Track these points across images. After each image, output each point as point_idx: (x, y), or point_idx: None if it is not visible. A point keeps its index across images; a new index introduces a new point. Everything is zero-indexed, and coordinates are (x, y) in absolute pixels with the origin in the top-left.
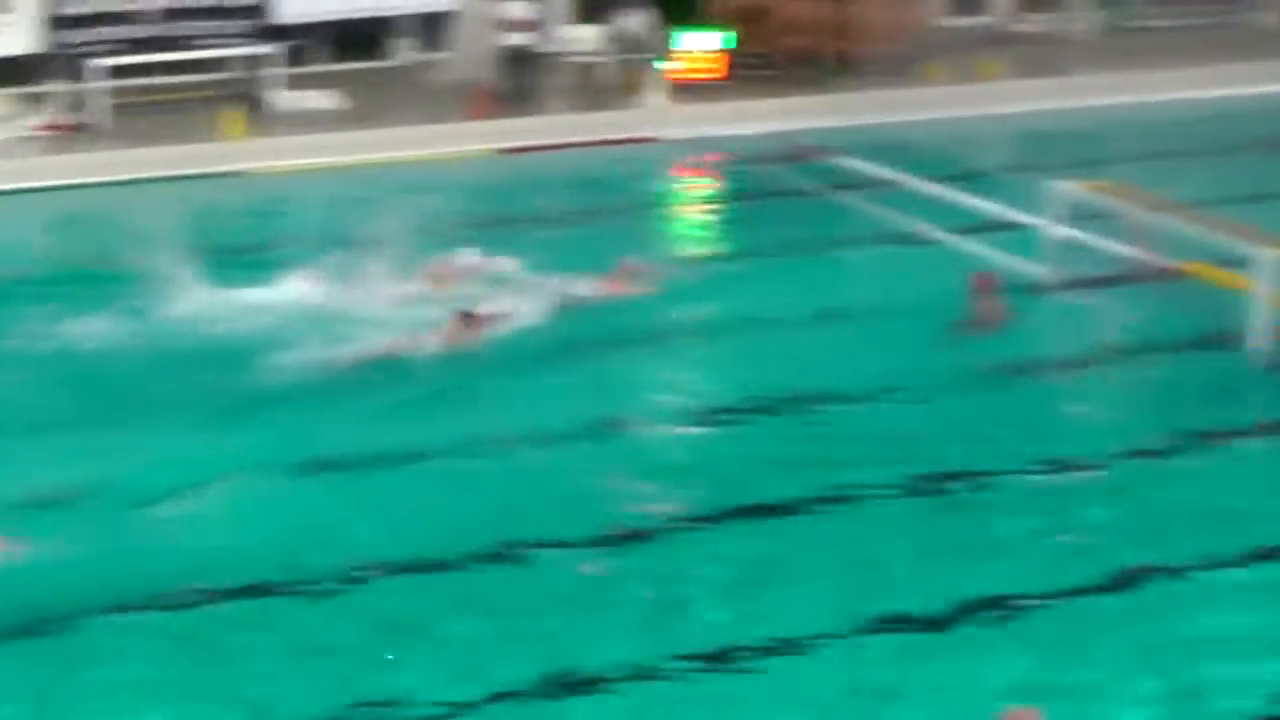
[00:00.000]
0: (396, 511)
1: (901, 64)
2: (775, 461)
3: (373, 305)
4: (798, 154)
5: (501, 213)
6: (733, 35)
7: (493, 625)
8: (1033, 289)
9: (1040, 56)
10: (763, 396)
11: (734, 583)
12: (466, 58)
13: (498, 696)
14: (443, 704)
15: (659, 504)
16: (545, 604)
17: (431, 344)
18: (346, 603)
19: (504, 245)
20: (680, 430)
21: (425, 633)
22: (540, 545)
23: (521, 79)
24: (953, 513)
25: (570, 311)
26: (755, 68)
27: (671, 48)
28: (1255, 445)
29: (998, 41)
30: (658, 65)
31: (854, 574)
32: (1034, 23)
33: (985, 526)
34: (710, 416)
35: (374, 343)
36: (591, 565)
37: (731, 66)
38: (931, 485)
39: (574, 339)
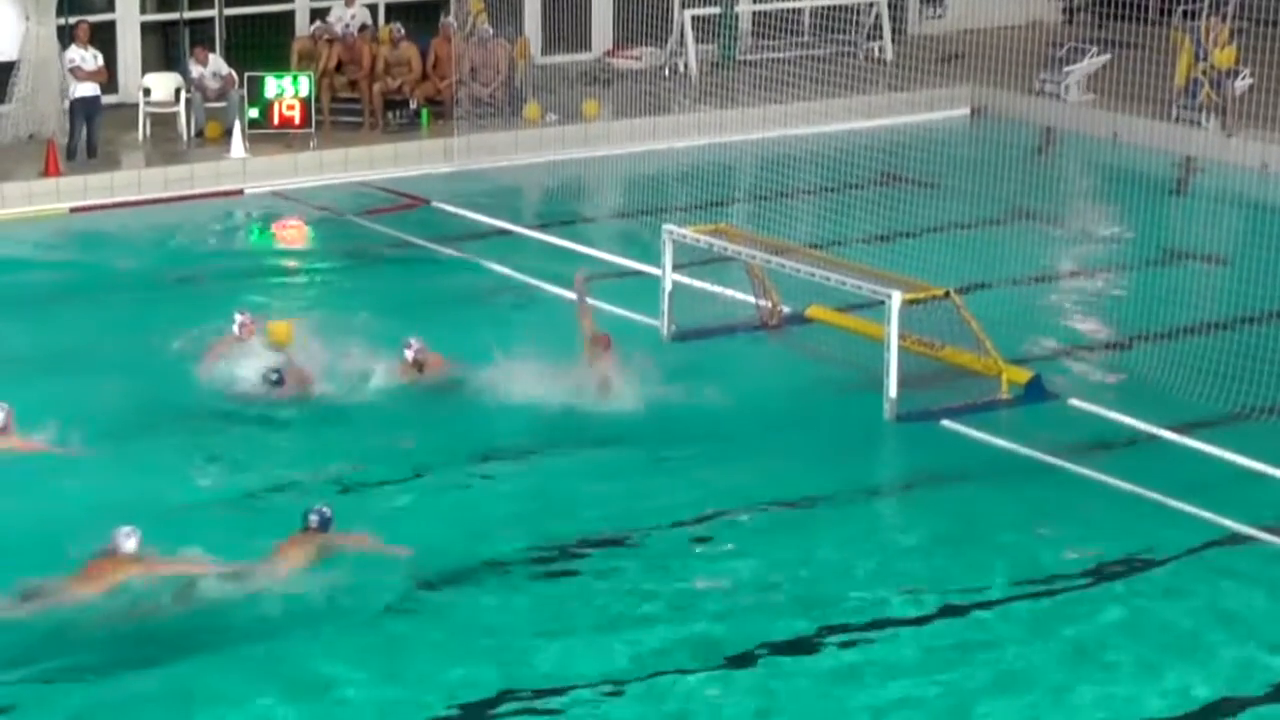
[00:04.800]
0: None
1: (499, 105)
2: None
3: None
4: (395, 204)
5: (72, 277)
6: (316, 81)
7: None
8: (649, 341)
9: (645, 94)
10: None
11: None
12: (32, 110)
13: None
14: None
15: None
16: None
17: None
18: None
19: (67, 316)
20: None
21: None
22: None
23: (91, 132)
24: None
25: None
26: (345, 114)
27: (253, 95)
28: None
29: (599, 79)
30: (239, 114)
31: None
32: (636, 58)
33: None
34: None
35: None
36: None
37: (320, 114)
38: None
39: None
